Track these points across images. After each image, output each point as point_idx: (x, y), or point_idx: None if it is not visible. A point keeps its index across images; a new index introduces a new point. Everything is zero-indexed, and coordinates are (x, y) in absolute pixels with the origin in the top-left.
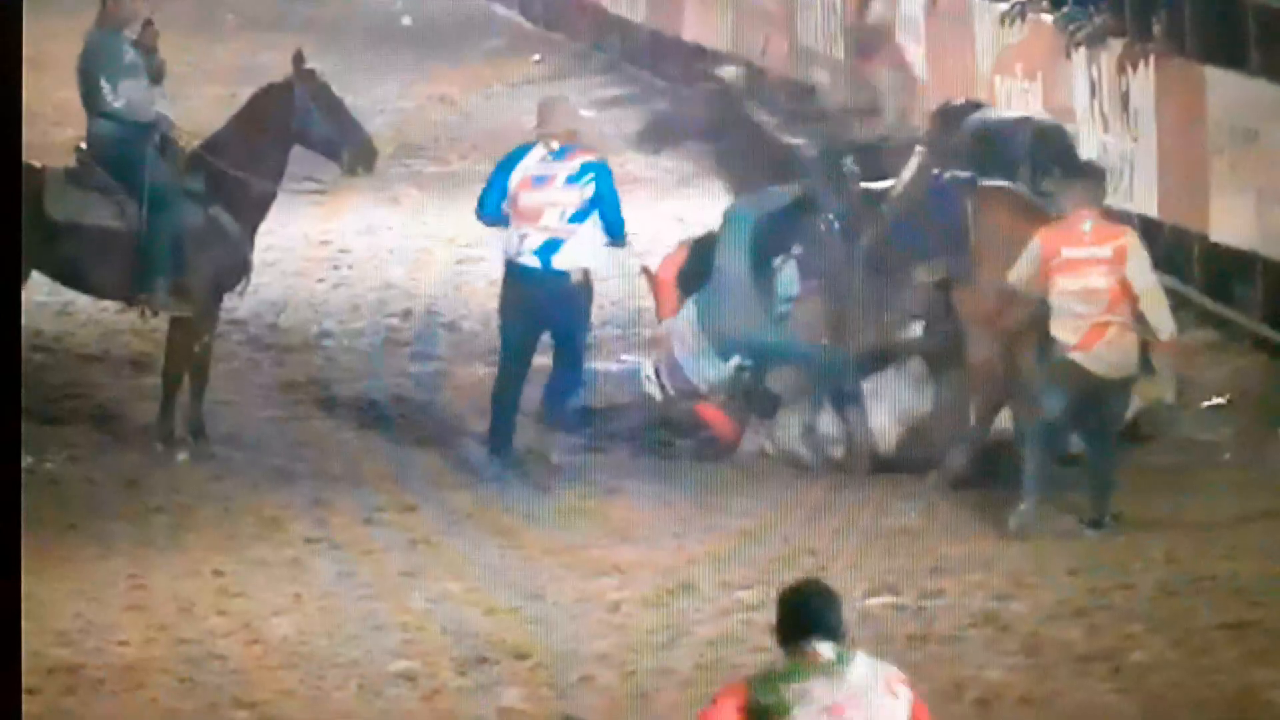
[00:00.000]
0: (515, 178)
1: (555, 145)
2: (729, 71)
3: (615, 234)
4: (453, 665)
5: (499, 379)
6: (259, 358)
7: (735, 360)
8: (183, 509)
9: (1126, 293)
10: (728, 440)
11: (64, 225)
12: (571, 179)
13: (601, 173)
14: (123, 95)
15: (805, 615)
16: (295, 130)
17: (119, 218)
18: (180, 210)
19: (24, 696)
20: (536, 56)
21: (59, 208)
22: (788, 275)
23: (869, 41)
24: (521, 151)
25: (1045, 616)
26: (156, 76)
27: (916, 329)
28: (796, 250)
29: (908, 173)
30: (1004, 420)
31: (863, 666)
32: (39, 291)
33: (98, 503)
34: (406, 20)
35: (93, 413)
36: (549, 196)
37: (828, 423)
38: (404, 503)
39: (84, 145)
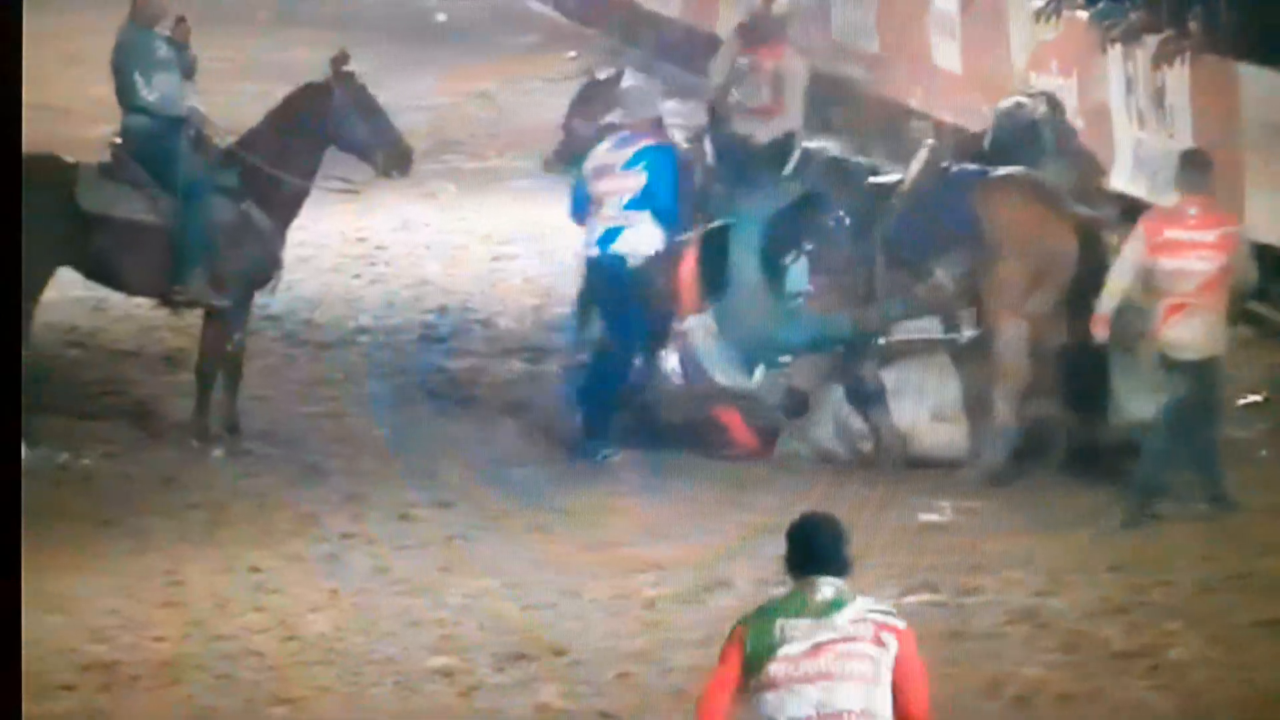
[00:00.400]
0: (588, 171)
1: (622, 133)
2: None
3: (662, 221)
4: (490, 662)
5: (590, 371)
6: (295, 353)
7: (760, 373)
8: (218, 505)
9: (1224, 279)
10: (747, 448)
11: (96, 218)
12: (627, 166)
13: (657, 158)
14: (155, 89)
15: (812, 550)
16: (331, 132)
17: (152, 211)
18: (213, 205)
19: (61, 693)
20: (572, 53)
21: (91, 200)
22: (798, 271)
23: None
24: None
25: (1084, 613)
26: (188, 71)
27: (934, 323)
28: (807, 246)
29: (915, 166)
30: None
31: (856, 611)
32: (75, 287)
33: (134, 499)
34: (441, 16)
35: (129, 409)
36: (610, 185)
37: (859, 418)
38: (440, 498)
39: (118, 140)
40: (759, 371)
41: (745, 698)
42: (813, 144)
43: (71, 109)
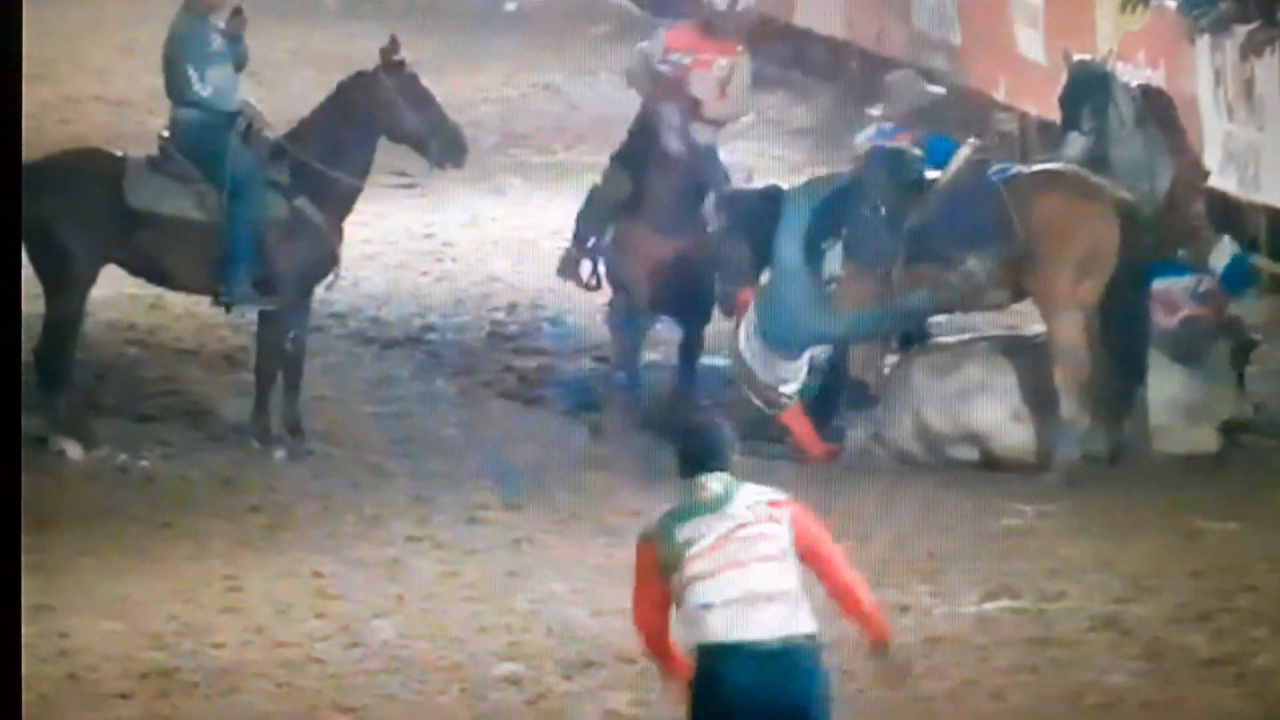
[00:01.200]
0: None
1: (887, 125)
2: None
3: None
4: (559, 668)
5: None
6: (360, 352)
7: (806, 358)
8: (280, 508)
9: None
10: (812, 451)
11: (143, 214)
12: None
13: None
14: (209, 83)
15: (695, 450)
16: (382, 123)
17: (199, 208)
18: (263, 201)
19: (118, 701)
20: (644, 44)
21: (139, 196)
22: (832, 256)
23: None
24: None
25: (1167, 620)
26: (240, 64)
27: (983, 320)
28: (844, 233)
29: (955, 163)
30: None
31: (746, 498)
32: (131, 284)
33: (193, 501)
34: (510, 5)
35: (187, 409)
36: None
37: (941, 420)
38: (508, 501)
39: (166, 133)
40: (803, 366)
41: (675, 609)
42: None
43: (129, 100)
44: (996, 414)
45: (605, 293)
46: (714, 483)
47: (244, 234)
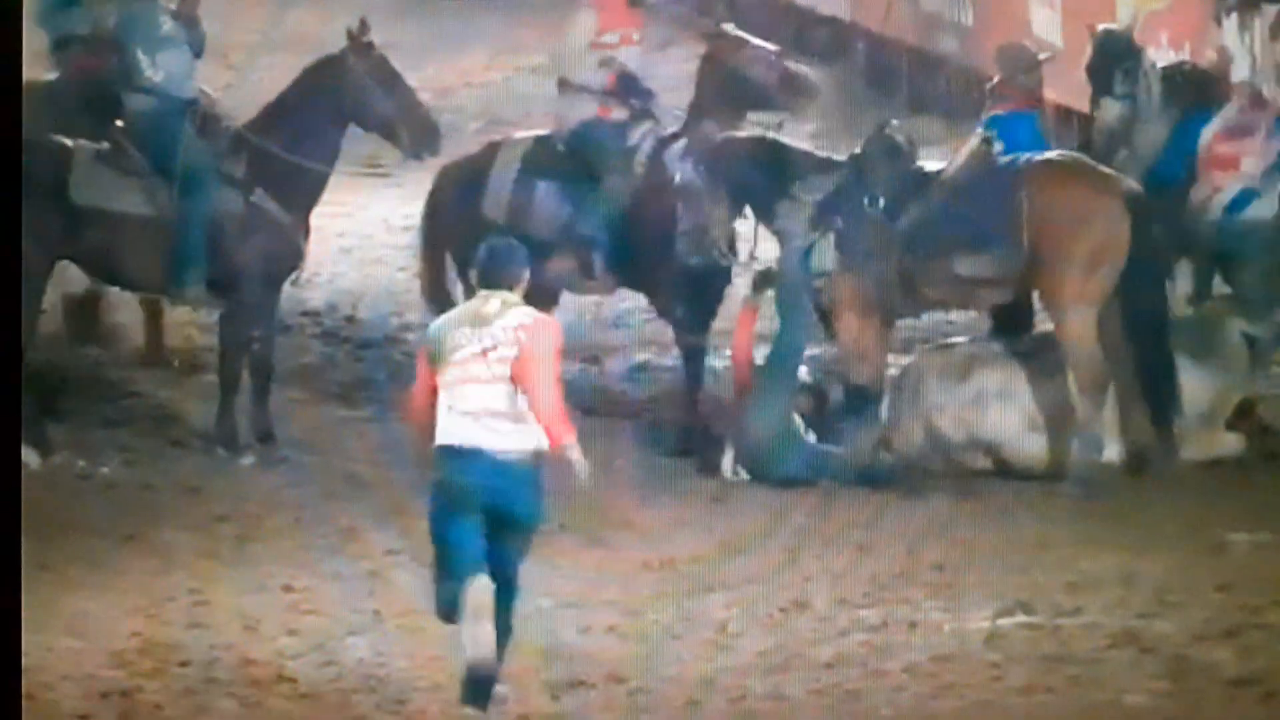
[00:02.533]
0: None
1: (1000, 110)
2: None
3: None
4: (545, 689)
5: None
6: (334, 353)
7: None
8: (250, 518)
9: None
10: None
11: (89, 211)
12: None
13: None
14: (161, 68)
15: (486, 265)
16: (349, 109)
17: (149, 203)
18: (216, 197)
19: None
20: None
21: (84, 192)
22: (822, 250)
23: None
24: None
25: (1192, 637)
26: (198, 49)
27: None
28: (837, 224)
29: (962, 154)
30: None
31: (509, 320)
32: (84, 282)
33: (157, 511)
34: None
35: (151, 413)
36: None
37: (954, 428)
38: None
39: (119, 123)
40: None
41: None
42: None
43: None
44: (1011, 422)
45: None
46: (492, 300)
47: (196, 231)
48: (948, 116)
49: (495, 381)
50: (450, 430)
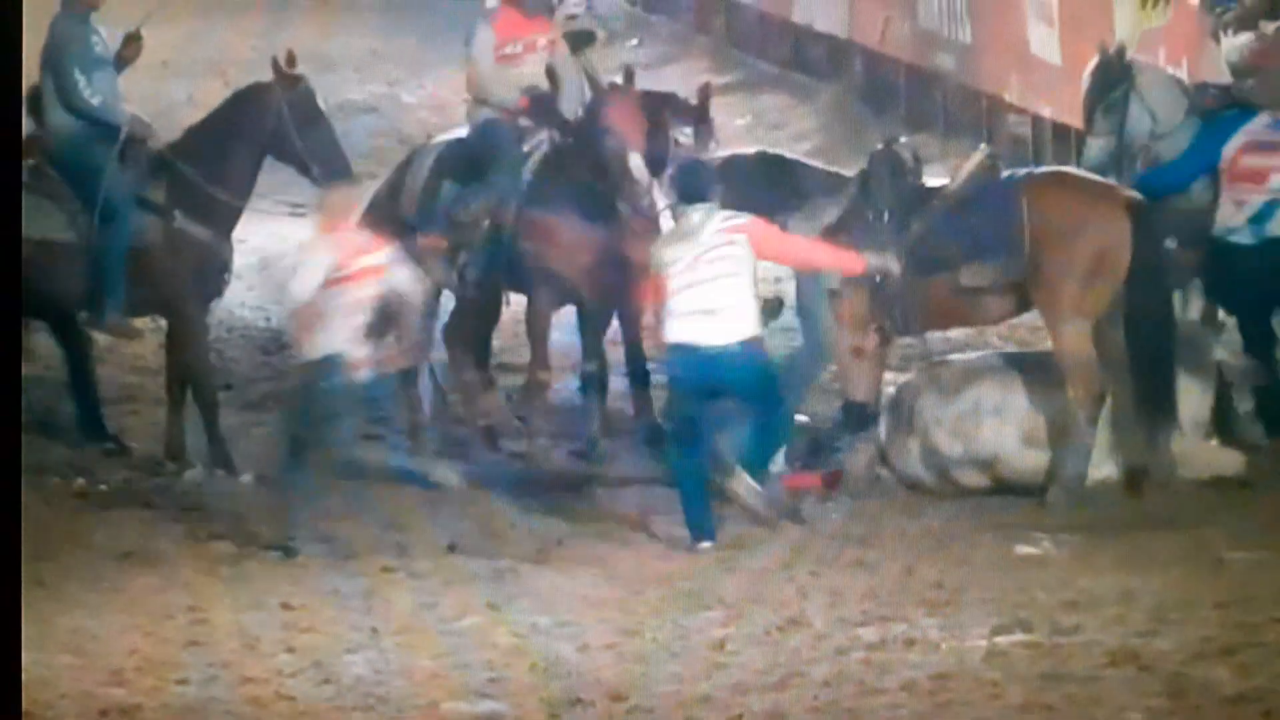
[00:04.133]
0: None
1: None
2: None
3: None
4: (543, 707)
5: None
6: None
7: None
8: (247, 536)
9: None
10: (827, 489)
11: None
12: None
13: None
14: (97, 91)
15: (680, 184)
16: (265, 139)
17: (69, 228)
18: (134, 223)
19: None
20: (634, 40)
21: None
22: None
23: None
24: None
25: (1191, 655)
26: (120, 66)
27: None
28: (844, 240)
29: (965, 169)
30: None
31: (713, 225)
32: None
33: (155, 529)
34: (492, 2)
35: (149, 430)
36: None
37: (950, 444)
38: (490, 528)
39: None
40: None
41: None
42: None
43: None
44: (1008, 437)
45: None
46: (694, 214)
47: (115, 260)
48: (946, 134)
49: (711, 281)
50: (675, 330)
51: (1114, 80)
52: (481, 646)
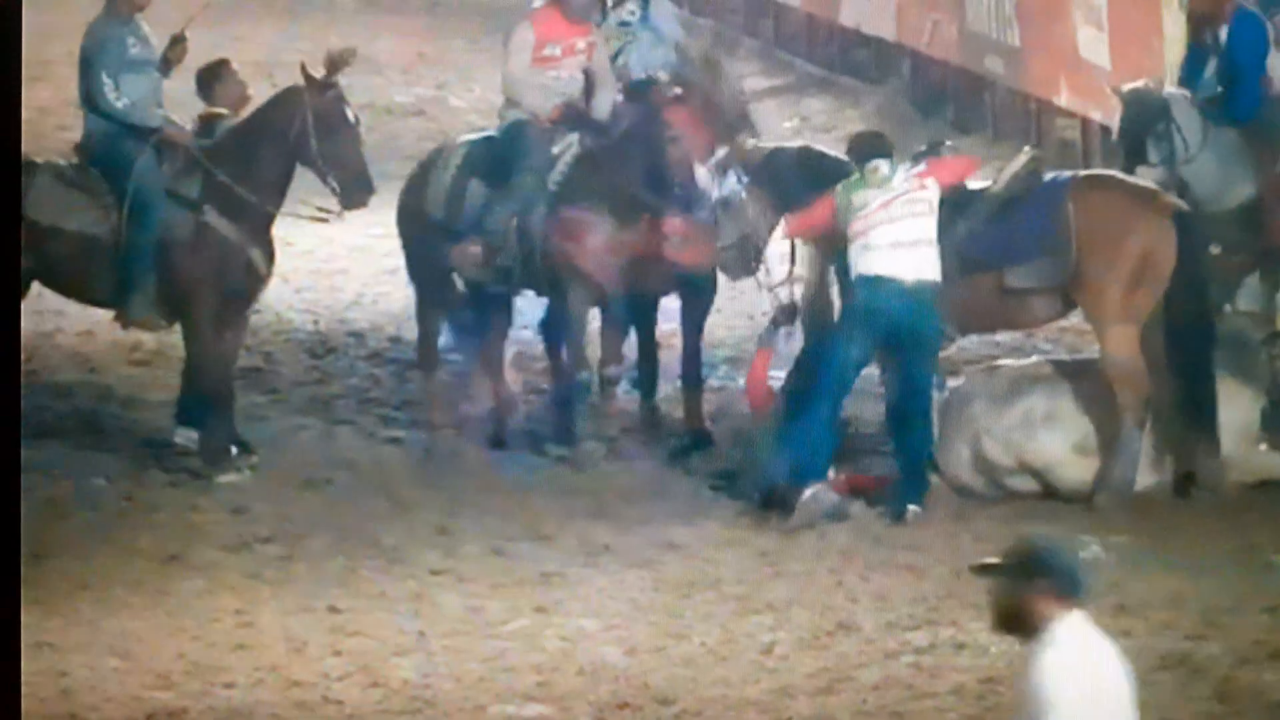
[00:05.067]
0: None
1: None
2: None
3: None
4: (590, 711)
5: None
6: (379, 374)
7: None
8: (294, 539)
9: None
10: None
11: (46, 228)
12: None
13: None
14: (125, 94)
15: (865, 146)
16: (292, 145)
17: (103, 223)
18: (164, 220)
19: None
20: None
21: (40, 210)
22: None
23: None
24: None
25: (1240, 659)
26: (166, 69)
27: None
28: None
29: (1009, 171)
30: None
31: (902, 175)
32: None
33: (202, 532)
34: (538, 2)
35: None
36: None
37: (1002, 453)
38: (538, 531)
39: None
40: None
41: (848, 247)
42: None
43: None
44: (1058, 447)
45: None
46: (883, 166)
47: (143, 253)
48: (994, 137)
49: (902, 220)
50: (870, 263)
51: (1154, 111)
52: (529, 650)
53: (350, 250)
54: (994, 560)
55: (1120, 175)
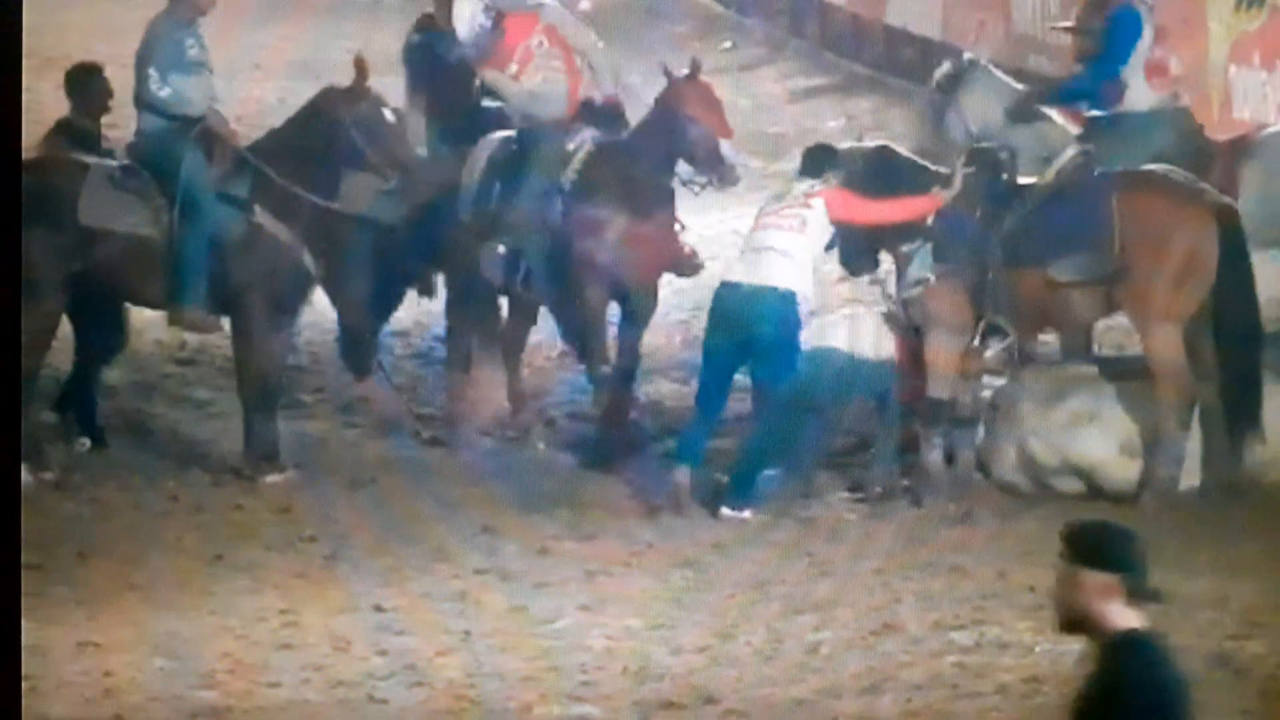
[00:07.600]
0: None
1: None
2: None
3: None
4: (636, 710)
5: None
6: (424, 374)
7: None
8: (339, 538)
9: None
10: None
11: (97, 232)
12: None
13: None
14: (169, 85)
15: (805, 161)
16: (337, 149)
17: (154, 224)
18: (214, 219)
19: None
20: (727, 43)
21: (92, 213)
22: (920, 259)
23: None
24: None
25: None
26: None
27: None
28: (938, 234)
29: (1056, 165)
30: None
31: (801, 188)
32: None
33: (246, 531)
34: (585, 4)
35: (240, 431)
36: None
37: (1048, 453)
38: (582, 530)
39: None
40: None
41: None
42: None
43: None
44: (1104, 447)
45: (682, 308)
46: (801, 183)
47: (195, 254)
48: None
49: (773, 230)
50: (726, 270)
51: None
52: (574, 649)
53: None
54: None
55: (1165, 172)
